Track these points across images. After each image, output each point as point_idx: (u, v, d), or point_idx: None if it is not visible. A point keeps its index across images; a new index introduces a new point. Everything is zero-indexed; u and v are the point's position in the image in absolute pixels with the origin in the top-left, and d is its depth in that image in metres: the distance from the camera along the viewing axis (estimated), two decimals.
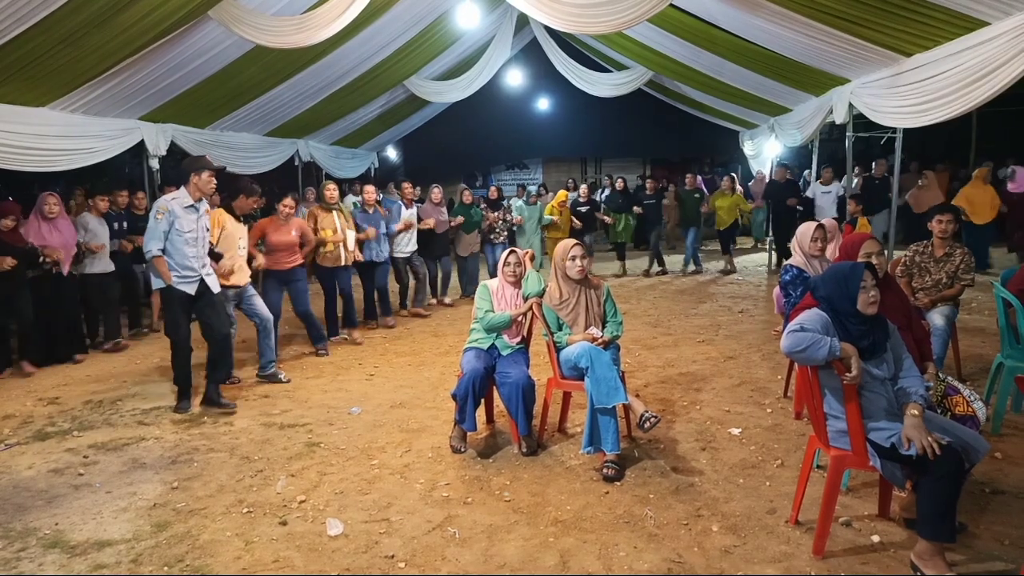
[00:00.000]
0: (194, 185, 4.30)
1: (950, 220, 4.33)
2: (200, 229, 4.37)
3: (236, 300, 5.04)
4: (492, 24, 9.60)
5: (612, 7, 5.64)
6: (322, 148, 11.19)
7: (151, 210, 4.32)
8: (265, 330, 5.10)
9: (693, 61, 9.03)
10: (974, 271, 4.34)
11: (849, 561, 2.55)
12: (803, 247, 3.99)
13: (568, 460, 3.53)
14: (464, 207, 8.34)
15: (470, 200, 8.56)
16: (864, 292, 2.52)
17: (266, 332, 5.10)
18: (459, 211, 8.26)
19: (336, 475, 3.44)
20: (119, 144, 6.80)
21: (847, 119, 7.37)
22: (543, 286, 3.84)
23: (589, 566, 2.57)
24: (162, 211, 4.18)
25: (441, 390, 4.77)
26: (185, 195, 4.29)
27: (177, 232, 4.21)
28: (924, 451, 2.32)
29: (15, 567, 2.67)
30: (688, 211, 10.12)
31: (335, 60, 7.82)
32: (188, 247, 4.27)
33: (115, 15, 4.85)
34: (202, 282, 4.38)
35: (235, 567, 2.63)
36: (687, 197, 10.09)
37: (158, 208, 4.20)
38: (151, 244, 4.17)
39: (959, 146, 13.75)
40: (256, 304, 5.10)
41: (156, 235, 4.16)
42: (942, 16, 4.73)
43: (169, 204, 4.22)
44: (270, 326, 5.11)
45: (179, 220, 4.21)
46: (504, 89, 13.18)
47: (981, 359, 5.00)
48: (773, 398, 4.41)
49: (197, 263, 4.34)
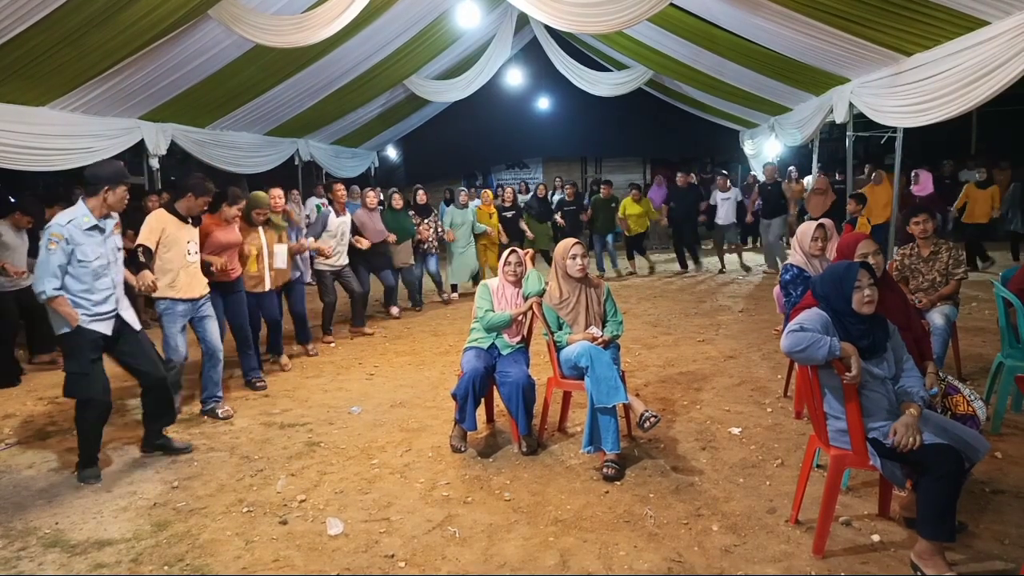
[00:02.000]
0: (103, 200, 3.40)
1: (926, 219, 4.35)
2: (110, 252, 3.49)
3: (185, 317, 4.21)
4: (492, 23, 9.60)
5: (612, 6, 5.64)
6: (322, 147, 11.20)
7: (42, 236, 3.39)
8: (213, 359, 4.34)
9: (693, 60, 9.04)
10: (964, 264, 4.36)
11: (849, 560, 2.55)
12: (803, 246, 3.98)
13: (568, 459, 3.53)
14: (393, 213, 7.40)
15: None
16: (859, 291, 2.52)
17: (213, 362, 4.34)
18: (387, 218, 7.23)
19: (336, 474, 3.44)
20: (119, 144, 6.80)
21: (847, 119, 7.37)
22: (543, 286, 3.84)
23: (589, 566, 2.57)
24: (56, 239, 3.26)
25: (441, 389, 4.77)
26: (85, 213, 3.37)
27: (80, 263, 3.33)
28: (898, 446, 2.35)
29: (15, 566, 2.67)
30: (603, 219, 9.80)
31: (335, 59, 7.82)
32: (97, 279, 3.40)
33: (115, 14, 4.85)
34: (119, 319, 3.53)
35: (235, 566, 2.63)
36: (603, 205, 9.77)
37: (50, 236, 3.27)
38: (45, 283, 3.24)
39: (959, 146, 13.76)
40: (208, 327, 4.29)
41: (50, 271, 3.24)
42: (942, 15, 4.74)
43: (64, 230, 3.29)
44: (219, 356, 4.36)
45: (80, 248, 3.32)
46: (504, 89, 13.18)
47: (981, 359, 5.00)
48: (773, 397, 4.41)
49: (111, 296, 3.47)
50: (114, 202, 3.44)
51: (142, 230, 4.11)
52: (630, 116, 14.55)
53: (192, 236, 4.25)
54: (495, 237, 8.53)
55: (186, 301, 4.17)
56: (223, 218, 4.61)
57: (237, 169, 9.05)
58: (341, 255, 6.41)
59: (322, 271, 6.34)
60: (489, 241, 8.57)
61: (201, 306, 4.27)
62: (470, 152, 16.60)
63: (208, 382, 4.38)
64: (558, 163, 17.51)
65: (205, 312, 4.29)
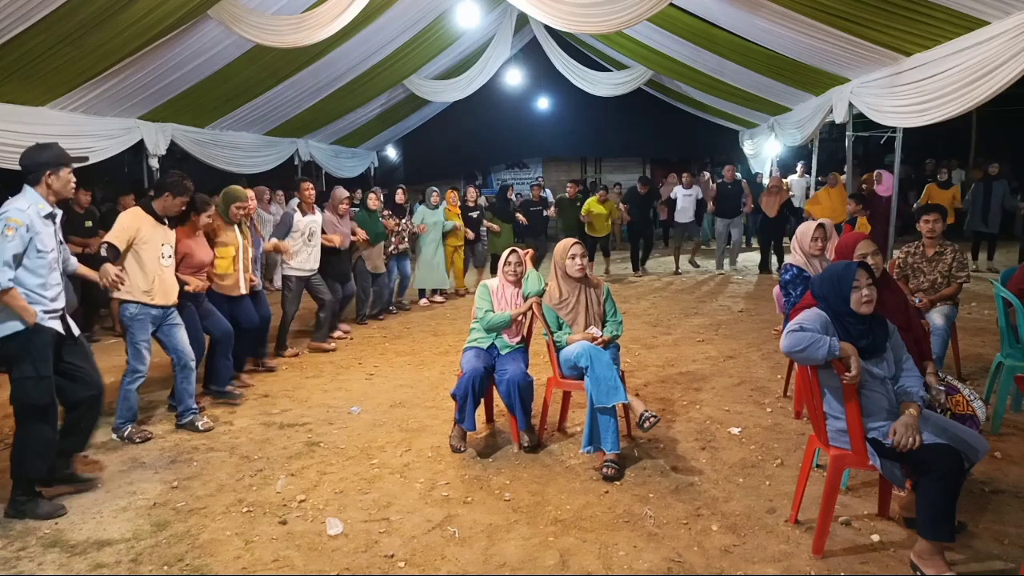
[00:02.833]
0: (46, 187, 3.11)
1: (936, 219, 4.32)
2: (58, 246, 3.21)
3: (154, 325, 3.94)
4: (492, 23, 9.61)
5: (612, 6, 5.64)
6: (322, 147, 11.21)
7: None
8: (186, 369, 4.06)
9: (693, 60, 9.05)
10: (968, 268, 4.35)
11: (849, 560, 2.55)
12: (803, 246, 3.99)
13: (568, 459, 3.53)
14: (365, 214, 6.83)
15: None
16: (857, 291, 2.52)
17: (187, 372, 4.07)
18: (359, 218, 6.72)
19: (336, 474, 3.44)
20: (119, 143, 6.80)
21: (847, 119, 7.38)
22: (543, 286, 3.84)
23: (589, 565, 2.57)
24: (14, 225, 2.93)
25: (441, 389, 4.77)
26: (39, 200, 3.08)
27: (38, 253, 3.03)
28: (898, 445, 2.35)
29: (15, 566, 2.67)
30: (567, 220, 9.75)
31: (335, 59, 7.83)
32: (51, 273, 3.11)
33: (115, 14, 4.86)
34: (63, 319, 3.22)
35: (235, 566, 2.63)
36: (568, 205, 9.74)
37: (7, 222, 2.93)
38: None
39: (959, 146, 13.77)
40: (177, 335, 4.01)
41: (3, 259, 2.90)
42: (942, 15, 4.74)
43: (24, 216, 2.98)
44: (192, 365, 4.08)
45: (38, 237, 3.02)
46: (504, 89, 13.18)
47: (981, 359, 5.00)
48: (773, 397, 4.41)
49: (60, 293, 3.20)
50: (59, 187, 3.14)
51: (113, 227, 3.80)
52: (630, 116, 14.55)
53: (167, 238, 3.98)
54: (461, 236, 8.35)
55: (158, 308, 3.90)
56: (195, 228, 4.28)
57: (237, 169, 9.06)
58: (311, 258, 5.81)
59: (288, 276, 5.76)
60: (457, 243, 8.38)
61: (170, 314, 4.00)
62: (470, 152, 16.60)
63: (184, 394, 4.10)
64: (558, 163, 17.50)
65: (174, 320, 4.02)
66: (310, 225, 5.81)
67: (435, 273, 8.08)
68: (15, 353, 3.02)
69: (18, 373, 3.02)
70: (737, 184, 9.96)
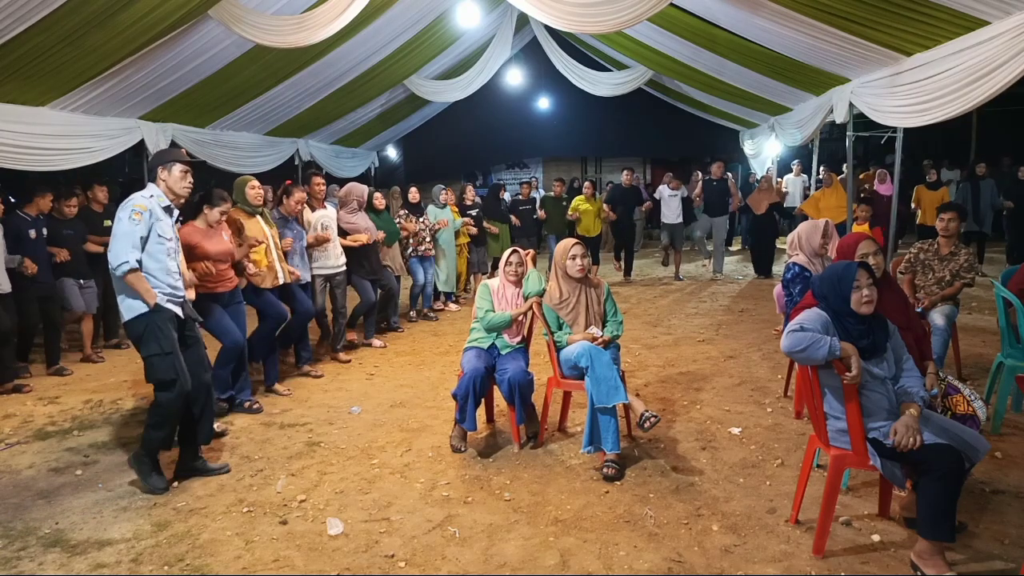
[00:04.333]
0: (161, 182, 3.38)
1: (952, 218, 4.31)
2: (176, 237, 3.47)
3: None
4: (492, 23, 9.60)
5: (612, 6, 5.63)
6: (322, 147, 11.20)
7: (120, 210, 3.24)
8: None
9: (693, 60, 9.03)
10: (976, 270, 4.35)
11: (849, 560, 2.55)
12: (811, 244, 3.98)
13: (568, 459, 3.53)
14: (373, 215, 6.47)
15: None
16: (857, 291, 2.52)
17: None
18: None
19: (336, 474, 3.44)
20: (119, 143, 6.78)
21: (847, 119, 7.36)
22: (543, 286, 3.84)
23: (589, 565, 2.57)
24: (140, 210, 3.21)
25: (441, 389, 4.77)
26: (159, 193, 3.37)
27: (159, 239, 3.28)
28: (898, 446, 2.35)
29: (15, 566, 2.67)
30: (553, 219, 9.61)
31: (335, 60, 7.82)
32: (169, 258, 3.34)
33: (115, 15, 4.85)
34: (184, 306, 3.46)
35: (235, 566, 2.63)
36: (554, 204, 9.61)
37: (134, 208, 3.20)
38: (127, 255, 3.13)
39: (959, 146, 13.77)
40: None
41: (132, 242, 3.15)
42: (942, 15, 4.73)
43: (149, 202, 3.27)
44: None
45: (159, 224, 3.29)
46: (504, 88, 13.17)
47: (981, 359, 5.00)
48: (773, 397, 4.41)
49: (180, 280, 3.44)
50: (172, 183, 3.38)
51: None
52: (630, 116, 14.55)
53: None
54: (465, 232, 8.24)
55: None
56: (206, 223, 4.13)
57: (237, 169, 9.02)
58: (331, 255, 5.55)
59: (314, 276, 5.45)
60: (464, 241, 8.28)
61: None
62: (470, 152, 16.60)
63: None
64: (558, 163, 17.49)
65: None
66: (322, 220, 5.56)
67: (453, 271, 7.98)
68: (141, 333, 3.25)
69: (146, 351, 3.26)
70: (723, 182, 9.91)
